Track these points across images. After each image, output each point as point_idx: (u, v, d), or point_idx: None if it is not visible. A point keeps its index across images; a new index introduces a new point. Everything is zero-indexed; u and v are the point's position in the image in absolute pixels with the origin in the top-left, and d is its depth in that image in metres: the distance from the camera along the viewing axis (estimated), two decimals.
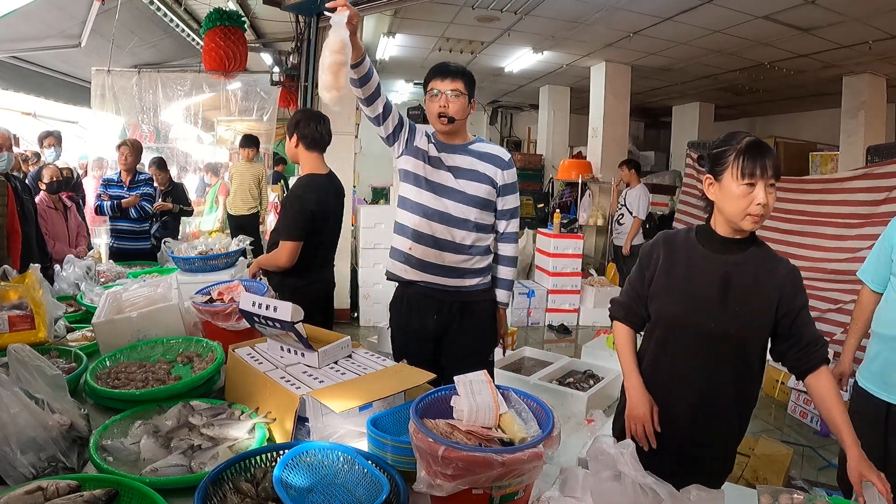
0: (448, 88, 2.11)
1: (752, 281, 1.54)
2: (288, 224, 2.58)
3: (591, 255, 7.99)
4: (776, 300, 1.52)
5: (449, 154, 2.21)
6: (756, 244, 1.59)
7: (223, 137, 8.08)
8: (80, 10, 5.08)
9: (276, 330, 1.57)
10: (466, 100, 2.15)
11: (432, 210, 2.19)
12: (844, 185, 4.78)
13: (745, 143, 1.50)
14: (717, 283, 1.55)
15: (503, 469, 1.03)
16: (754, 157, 1.47)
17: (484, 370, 1.32)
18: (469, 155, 2.22)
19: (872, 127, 7.27)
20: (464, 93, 2.13)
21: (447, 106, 2.11)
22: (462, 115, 2.15)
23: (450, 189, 2.19)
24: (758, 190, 1.47)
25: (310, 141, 2.68)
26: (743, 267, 1.55)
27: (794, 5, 5.06)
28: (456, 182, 2.19)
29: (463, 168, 2.20)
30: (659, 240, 1.70)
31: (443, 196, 2.19)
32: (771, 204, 1.48)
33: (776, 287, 1.53)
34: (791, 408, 4.16)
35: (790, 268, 1.56)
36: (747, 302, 1.53)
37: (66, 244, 3.98)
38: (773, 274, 1.54)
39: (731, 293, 1.54)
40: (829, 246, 4.77)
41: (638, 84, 8.30)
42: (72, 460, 1.25)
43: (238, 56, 4.76)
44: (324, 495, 1.13)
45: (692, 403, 1.61)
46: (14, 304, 1.95)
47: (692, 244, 1.62)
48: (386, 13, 5.92)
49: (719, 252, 1.58)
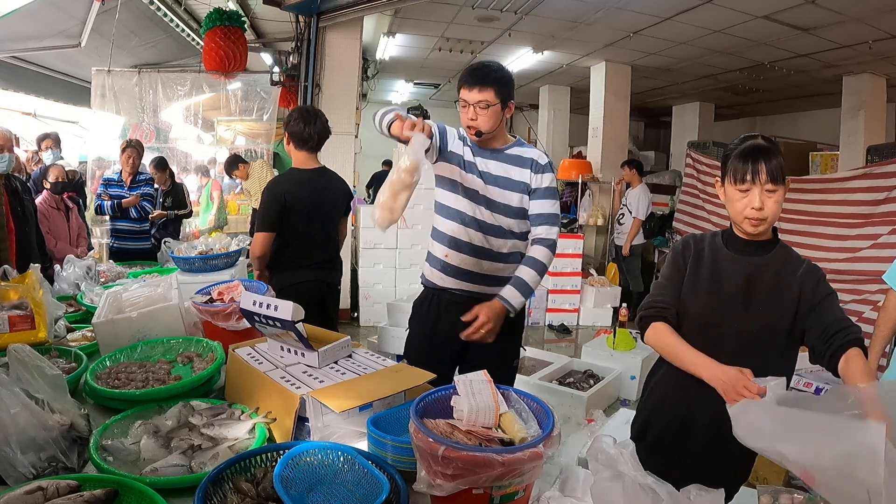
0: (476, 100, 1.96)
1: (773, 282, 1.54)
2: (260, 215, 2.74)
3: (591, 255, 7.99)
4: (797, 299, 1.51)
5: (484, 159, 2.09)
6: (780, 246, 1.59)
7: (223, 137, 8.07)
8: (80, 10, 5.08)
9: (276, 329, 1.57)
10: (500, 107, 1.99)
11: (469, 217, 2.09)
12: (844, 185, 4.78)
13: (742, 147, 1.51)
14: (741, 285, 1.56)
15: (503, 469, 1.03)
16: (748, 161, 1.48)
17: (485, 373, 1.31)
18: (503, 161, 2.09)
19: (872, 127, 7.27)
20: (494, 102, 1.97)
21: (476, 118, 1.98)
22: (492, 127, 2.01)
23: (482, 196, 2.09)
24: (752, 195, 1.48)
25: (297, 139, 2.78)
26: (766, 268, 1.55)
27: (794, 5, 5.06)
28: (486, 189, 2.08)
29: (494, 174, 2.09)
30: (689, 241, 1.69)
31: (478, 203, 2.09)
32: (771, 207, 1.48)
33: (797, 286, 1.52)
34: None
35: (810, 266, 1.55)
36: (770, 303, 1.53)
37: (67, 244, 3.99)
38: (793, 274, 1.54)
39: (755, 294, 1.54)
40: (829, 246, 4.77)
41: (638, 84, 8.29)
42: (72, 460, 1.25)
43: (238, 56, 4.76)
44: (324, 495, 1.13)
45: (715, 411, 1.48)
46: (14, 304, 1.95)
47: (718, 247, 1.63)
48: (386, 13, 5.92)
49: (743, 254, 1.58)
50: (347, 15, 5.19)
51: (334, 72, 5.45)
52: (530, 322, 6.34)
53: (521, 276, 2.03)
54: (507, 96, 2.01)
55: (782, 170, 1.49)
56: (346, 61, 5.45)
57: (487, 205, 2.08)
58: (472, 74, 1.97)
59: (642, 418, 1.78)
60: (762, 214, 1.49)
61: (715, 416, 1.46)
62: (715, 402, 1.43)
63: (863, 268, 4.42)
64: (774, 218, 1.52)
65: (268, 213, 2.67)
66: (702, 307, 1.61)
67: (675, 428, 1.66)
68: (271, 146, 7.57)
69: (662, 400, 1.71)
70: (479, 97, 1.95)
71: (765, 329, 1.53)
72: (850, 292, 4.52)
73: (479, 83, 1.95)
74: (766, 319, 1.53)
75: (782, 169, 1.49)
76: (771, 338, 1.54)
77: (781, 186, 1.49)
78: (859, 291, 4.42)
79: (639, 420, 1.79)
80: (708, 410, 1.53)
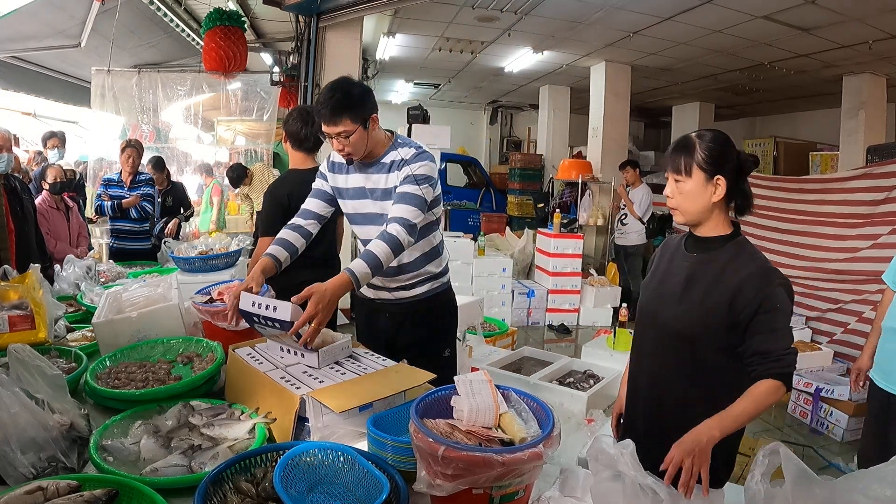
0: (336, 132, 1.89)
1: (713, 278, 1.51)
2: (263, 220, 2.74)
3: (591, 255, 7.99)
4: (730, 300, 1.46)
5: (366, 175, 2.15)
6: (734, 243, 1.53)
7: (223, 137, 8.07)
8: (80, 10, 5.08)
9: (275, 330, 1.57)
10: (361, 129, 1.90)
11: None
12: (844, 185, 4.77)
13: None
14: (681, 281, 1.56)
15: (503, 469, 1.03)
16: (670, 154, 1.55)
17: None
18: (377, 171, 2.11)
19: (872, 127, 7.27)
20: (353, 129, 1.88)
21: (343, 148, 1.93)
22: (362, 149, 1.96)
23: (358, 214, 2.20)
24: (668, 184, 1.56)
25: (294, 140, 2.80)
26: (709, 265, 1.53)
27: (794, 5, 5.06)
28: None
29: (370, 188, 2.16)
30: (668, 242, 1.74)
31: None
32: (678, 197, 1.53)
33: (734, 285, 1.46)
34: (791, 408, 4.17)
35: (762, 271, 1.46)
36: (702, 300, 1.51)
37: (67, 244, 3.99)
38: (736, 273, 1.48)
39: (691, 291, 1.53)
40: (829, 246, 4.77)
41: (638, 84, 8.29)
42: (72, 460, 1.25)
43: (238, 56, 4.76)
44: (324, 495, 1.13)
45: (655, 401, 1.61)
46: (14, 304, 1.95)
47: (678, 246, 1.66)
48: (386, 13, 5.92)
49: (693, 250, 1.59)
50: (347, 15, 5.18)
51: (334, 72, 5.43)
52: (530, 322, 6.35)
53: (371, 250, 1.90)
54: (364, 116, 1.92)
55: (698, 165, 1.48)
56: (346, 61, 5.44)
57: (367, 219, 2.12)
58: (324, 108, 1.90)
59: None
60: (672, 203, 1.55)
61: (658, 404, 1.60)
62: (652, 391, 1.61)
63: (863, 268, 4.42)
64: (687, 209, 1.54)
65: (272, 218, 2.65)
66: (645, 302, 1.68)
67: (629, 402, 1.74)
68: (271, 146, 7.57)
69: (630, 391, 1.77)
70: (337, 129, 1.89)
71: (693, 325, 1.52)
72: (850, 292, 4.52)
73: (331, 118, 1.88)
74: (695, 315, 1.51)
75: (699, 164, 1.48)
76: (701, 334, 1.51)
77: (689, 178, 1.50)
78: (859, 291, 4.42)
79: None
80: (647, 398, 1.64)
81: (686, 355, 1.54)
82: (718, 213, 1.54)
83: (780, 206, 5.21)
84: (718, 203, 1.52)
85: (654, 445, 1.44)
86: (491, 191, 11.03)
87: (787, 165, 8.49)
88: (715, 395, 1.46)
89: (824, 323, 4.71)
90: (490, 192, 11.03)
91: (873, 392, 2.26)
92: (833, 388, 3.86)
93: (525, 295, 6.30)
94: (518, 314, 6.26)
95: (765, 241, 5.20)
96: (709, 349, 1.51)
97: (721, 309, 1.47)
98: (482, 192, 11.05)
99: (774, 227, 5.17)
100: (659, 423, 1.59)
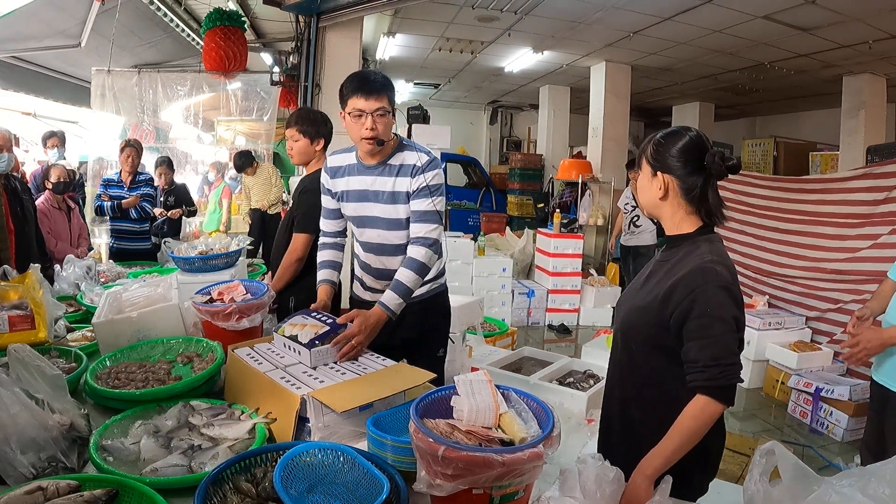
0: (374, 108, 1.88)
1: (662, 276, 1.44)
2: (306, 217, 2.61)
3: (591, 255, 7.99)
4: (663, 298, 1.38)
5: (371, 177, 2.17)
6: (691, 242, 1.43)
7: (223, 137, 8.08)
8: (80, 10, 5.08)
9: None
10: (392, 115, 1.93)
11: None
12: (844, 185, 4.77)
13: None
14: (643, 278, 1.55)
15: (503, 469, 1.03)
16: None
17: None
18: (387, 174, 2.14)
19: (872, 127, 7.28)
20: (389, 109, 1.91)
21: (375, 127, 1.90)
22: (387, 134, 1.97)
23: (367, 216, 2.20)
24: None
25: (328, 142, 2.77)
26: (665, 263, 1.48)
27: (794, 5, 5.06)
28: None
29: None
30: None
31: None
32: (635, 192, 1.55)
33: (669, 285, 1.38)
34: (791, 408, 4.16)
35: (697, 269, 1.36)
36: (644, 295, 1.47)
37: (68, 244, 3.99)
38: (677, 272, 1.39)
39: (645, 287, 1.50)
40: (829, 246, 4.76)
41: (638, 84, 8.29)
42: (72, 460, 1.25)
43: (238, 56, 4.76)
44: (324, 495, 1.13)
45: (617, 400, 1.58)
46: (14, 304, 1.95)
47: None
48: (386, 13, 5.92)
49: (663, 249, 1.57)
50: (347, 15, 5.18)
51: (334, 72, 5.43)
52: (530, 322, 6.35)
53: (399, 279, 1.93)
54: (394, 103, 1.96)
55: (646, 159, 1.49)
56: (346, 61, 5.43)
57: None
58: (369, 82, 1.90)
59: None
60: (637, 200, 1.55)
61: (622, 405, 1.56)
62: (612, 367, 1.60)
63: (863, 268, 4.42)
64: (641, 201, 1.55)
65: (313, 216, 2.51)
66: (619, 299, 1.71)
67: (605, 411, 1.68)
68: (271, 146, 7.58)
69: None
70: (379, 104, 1.89)
71: (633, 318, 1.51)
72: (850, 292, 4.51)
73: (378, 91, 1.89)
74: (634, 312, 1.51)
75: (647, 159, 1.48)
76: (641, 328, 1.48)
77: (640, 171, 1.52)
78: (859, 291, 4.42)
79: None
80: (612, 397, 1.61)
81: (625, 351, 1.53)
82: (675, 210, 1.46)
83: (780, 206, 5.20)
84: (671, 201, 1.45)
85: (629, 447, 1.45)
86: (491, 191, 11.02)
87: (787, 165, 8.49)
88: (653, 396, 1.45)
89: (824, 323, 4.70)
90: (490, 192, 11.02)
91: (873, 387, 2.33)
92: (833, 388, 3.86)
93: (525, 295, 6.30)
94: (518, 314, 6.26)
95: (765, 241, 5.20)
96: (644, 345, 1.46)
97: (653, 306, 1.41)
98: (482, 192, 11.05)
99: (774, 227, 5.17)
100: (622, 424, 1.58)
